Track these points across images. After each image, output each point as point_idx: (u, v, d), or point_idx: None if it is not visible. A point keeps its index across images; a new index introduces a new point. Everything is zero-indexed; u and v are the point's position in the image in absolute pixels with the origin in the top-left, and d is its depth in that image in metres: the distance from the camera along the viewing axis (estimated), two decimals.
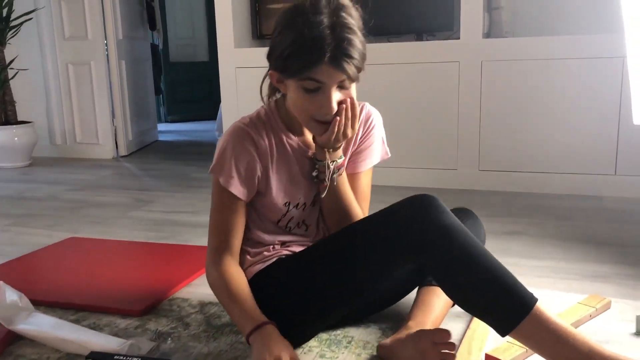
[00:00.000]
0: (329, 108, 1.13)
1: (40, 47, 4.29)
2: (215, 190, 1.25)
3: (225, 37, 3.29)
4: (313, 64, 1.08)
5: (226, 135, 1.23)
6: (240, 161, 1.21)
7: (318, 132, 1.18)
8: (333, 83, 1.11)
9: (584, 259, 1.89)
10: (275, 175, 1.25)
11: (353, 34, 1.10)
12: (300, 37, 1.09)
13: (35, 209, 2.79)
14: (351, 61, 1.09)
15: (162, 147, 4.87)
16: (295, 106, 1.17)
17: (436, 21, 3.05)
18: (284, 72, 1.14)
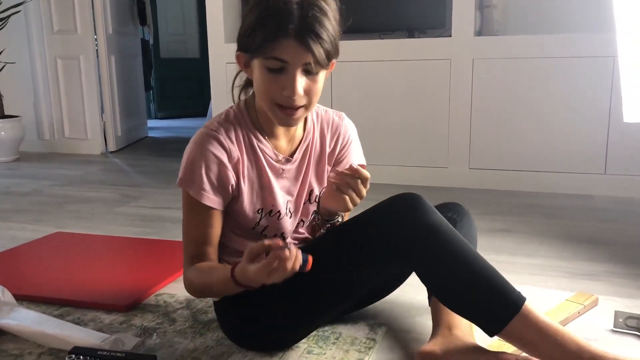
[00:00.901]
0: (292, 90, 1.05)
1: (28, 40, 4.24)
2: (187, 202, 1.16)
3: (215, 32, 3.27)
4: (276, 37, 1.01)
5: (193, 143, 1.14)
6: (211, 170, 1.13)
7: (283, 120, 1.11)
8: (298, 63, 1.03)
9: (574, 257, 1.89)
10: (247, 182, 1.18)
11: (323, 16, 1.03)
12: (265, 10, 1.03)
13: (20, 204, 2.75)
14: (318, 40, 1.02)
15: (151, 144, 4.83)
16: (259, 89, 1.10)
17: (428, 18, 3.04)
18: (248, 51, 1.07)
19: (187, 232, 1.18)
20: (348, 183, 1.08)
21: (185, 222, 1.18)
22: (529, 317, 1.01)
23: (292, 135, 1.23)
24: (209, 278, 1.13)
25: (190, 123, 6.33)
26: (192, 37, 6.90)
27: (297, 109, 1.09)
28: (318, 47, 1.02)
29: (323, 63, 1.05)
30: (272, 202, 1.21)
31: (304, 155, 1.24)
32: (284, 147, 1.22)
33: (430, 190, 2.78)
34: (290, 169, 1.23)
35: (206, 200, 1.14)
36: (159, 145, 4.79)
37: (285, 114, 1.09)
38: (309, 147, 1.25)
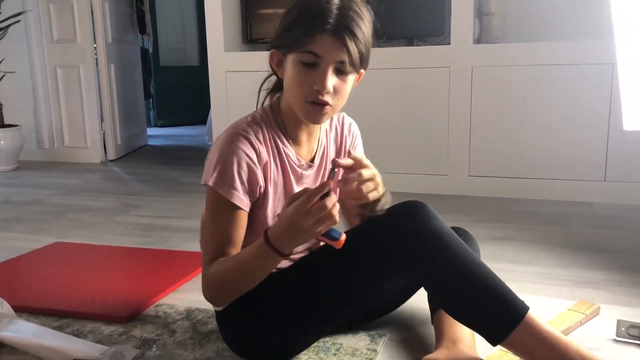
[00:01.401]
0: (322, 85, 1.06)
1: (28, 49, 4.24)
2: (213, 201, 1.14)
3: (215, 41, 3.27)
4: (314, 31, 1.04)
5: (224, 142, 1.13)
6: (242, 169, 1.12)
7: (311, 116, 1.12)
8: (331, 59, 1.06)
9: (574, 265, 1.89)
10: (272, 185, 1.18)
11: (360, 19, 1.07)
12: (306, 7, 1.07)
13: (20, 214, 2.74)
14: (354, 39, 1.05)
15: (151, 152, 4.83)
16: (290, 85, 1.11)
17: (427, 26, 3.05)
18: (284, 46, 1.10)
19: (210, 233, 1.16)
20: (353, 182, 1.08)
21: (210, 222, 1.16)
22: (532, 326, 1.01)
23: (312, 140, 1.24)
24: (234, 261, 1.10)
25: (190, 131, 6.34)
26: (192, 45, 6.92)
27: (325, 105, 1.10)
28: (353, 46, 1.06)
29: (356, 63, 1.08)
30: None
31: (321, 160, 1.26)
32: (304, 153, 1.23)
33: (430, 198, 2.77)
34: (310, 174, 1.24)
35: (236, 199, 1.12)
36: (159, 153, 4.79)
37: (315, 110, 1.10)
38: (325, 151, 1.27)
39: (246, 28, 3.41)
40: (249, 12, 3.37)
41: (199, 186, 3.36)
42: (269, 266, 1.08)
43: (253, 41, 3.43)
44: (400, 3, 3.05)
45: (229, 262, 1.11)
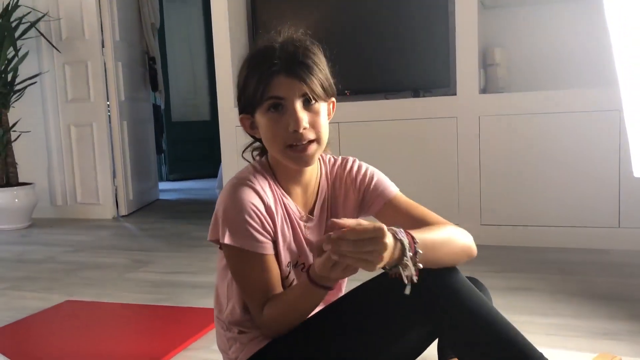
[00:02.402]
0: (296, 122, 1.04)
1: (43, 109, 4.35)
2: (235, 257, 1.11)
3: (225, 97, 3.34)
4: (267, 77, 1.05)
5: (229, 195, 1.11)
6: (254, 219, 1.09)
7: (298, 160, 1.09)
8: (293, 96, 1.05)
9: (593, 315, 1.84)
10: (280, 234, 1.16)
11: (307, 50, 1.07)
12: (251, 59, 1.09)
13: (32, 272, 2.75)
14: (307, 69, 1.05)
15: (162, 206, 4.86)
16: (267, 140, 1.10)
17: (432, 78, 3.10)
18: (248, 106, 1.10)
19: (248, 285, 1.12)
20: (340, 251, 0.90)
21: (242, 277, 1.12)
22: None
23: (309, 193, 1.22)
24: (285, 304, 1.08)
25: (201, 184, 6.39)
26: (203, 100, 7.06)
27: (308, 144, 1.08)
28: (309, 75, 1.05)
29: (319, 92, 1.07)
30: (303, 256, 1.20)
31: (321, 211, 1.23)
32: (301, 205, 1.21)
33: None
34: (311, 225, 1.22)
35: (259, 248, 1.09)
36: (170, 207, 4.81)
37: (299, 153, 1.08)
38: (325, 200, 1.24)
39: None
40: None
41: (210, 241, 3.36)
42: (321, 293, 1.05)
43: None
44: (406, 55, 3.11)
45: (280, 306, 1.09)
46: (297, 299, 1.08)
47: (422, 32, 3.10)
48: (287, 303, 1.09)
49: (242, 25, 3.45)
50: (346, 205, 1.25)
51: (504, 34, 3.14)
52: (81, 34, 4.19)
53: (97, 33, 4.16)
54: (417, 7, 3.09)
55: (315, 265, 0.99)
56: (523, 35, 3.13)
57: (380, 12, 3.15)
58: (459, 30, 2.89)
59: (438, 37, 3.04)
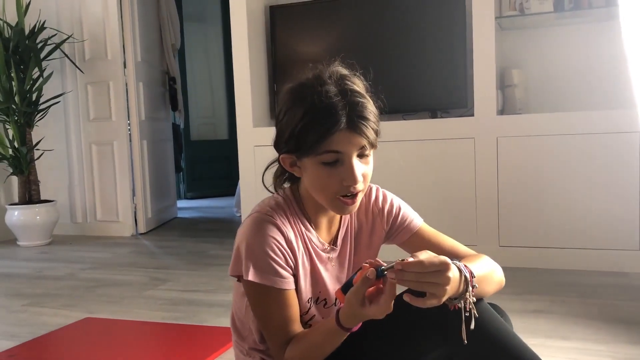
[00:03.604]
0: (353, 179, 1.04)
1: (65, 128, 4.43)
2: (257, 293, 1.09)
3: (244, 117, 3.38)
4: (330, 133, 1.02)
5: (251, 230, 1.09)
6: (277, 254, 1.08)
7: (343, 209, 1.09)
8: (353, 151, 1.04)
9: (613, 339, 1.81)
10: (301, 269, 1.14)
11: (363, 98, 1.06)
12: (311, 108, 1.04)
13: (52, 288, 2.78)
14: (368, 124, 1.04)
15: (180, 224, 4.90)
16: (315, 186, 1.09)
17: (450, 99, 3.11)
18: (298, 151, 1.07)
19: (268, 322, 1.11)
20: (408, 280, 0.92)
21: (261, 313, 1.11)
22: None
23: (334, 222, 1.21)
24: (311, 340, 1.07)
25: (219, 202, 6.43)
26: (221, 120, 7.14)
27: (357, 195, 1.08)
28: (369, 130, 1.04)
29: (374, 142, 1.07)
30: (324, 291, 1.19)
31: (344, 241, 1.22)
32: (325, 235, 1.20)
33: None
34: (334, 256, 1.21)
35: (284, 284, 1.09)
36: (188, 225, 4.85)
37: (347, 204, 1.08)
38: (348, 230, 1.23)
39: (274, 104, 3.53)
40: (276, 88, 3.50)
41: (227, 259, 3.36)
42: (342, 339, 1.05)
43: None
44: (423, 76, 3.13)
45: (303, 348, 1.08)
46: (322, 341, 1.06)
47: (440, 53, 3.12)
48: (310, 345, 1.08)
49: (261, 46, 3.50)
50: (373, 235, 1.25)
51: (521, 56, 3.15)
52: (104, 54, 4.28)
53: (119, 54, 4.24)
54: (435, 28, 3.12)
55: (352, 301, 0.97)
56: (541, 57, 3.13)
57: (398, 33, 3.19)
58: (477, 52, 2.90)
59: (456, 58, 3.06)
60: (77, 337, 2.01)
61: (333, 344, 1.06)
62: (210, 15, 6.92)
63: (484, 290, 1.08)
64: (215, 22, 6.90)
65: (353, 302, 0.96)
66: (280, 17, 3.45)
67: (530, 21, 3.02)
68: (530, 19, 2.99)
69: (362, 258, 1.23)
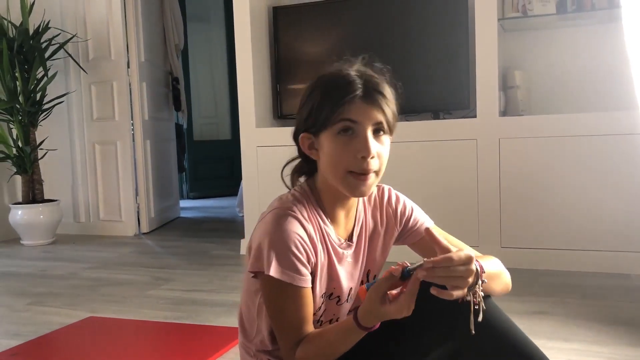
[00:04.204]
0: (366, 150, 1.04)
1: (69, 128, 4.45)
2: (275, 289, 1.08)
3: (247, 117, 3.39)
4: (345, 101, 1.04)
5: (273, 225, 1.08)
6: (300, 251, 1.07)
7: (356, 189, 1.08)
8: (368, 123, 1.05)
9: (615, 341, 1.82)
10: (319, 265, 1.13)
11: (384, 82, 1.09)
12: (328, 84, 1.08)
13: (55, 287, 2.80)
14: (385, 100, 1.06)
15: (183, 224, 4.91)
16: (330, 162, 1.08)
17: (452, 100, 3.11)
18: (315, 126, 1.09)
19: (283, 320, 1.10)
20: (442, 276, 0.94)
21: (278, 310, 1.10)
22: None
23: (350, 218, 1.21)
24: (326, 340, 1.07)
25: (221, 202, 6.44)
26: (224, 120, 7.15)
27: (369, 174, 1.08)
28: (386, 105, 1.06)
29: (392, 122, 1.08)
30: (337, 287, 1.19)
31: (359, 238, 1.22)
32: (341, 231, 1.20)
33: None
34: (350, 253, 1.20)
35: (303, 282, 1.08)
36: (191, 225, 4.86)
37: (359, 181, 1.07)
38: (363, 227, 1.23)
39: (277, 104, 3.54)
40: (279, 89, 3.51)
41: (230, 259, 3.40)
42: (358, 339, 1.05)
43: (284, 117, 3.54)
44: (426, 77, 3.13)
45: (316, 348, 1.07)
46: (337, 340, 1.06)
47: (442, 54, 3.12)
48: (324, 344, 1.07)
49: (264, 47, 3.51)
50: (386, 235, 1.25)
51: (524, 57, 3.16)
52: (107, 54, 4.30)
53: (123, 54, 4.26)
54: (438, 29, 3.12)
55: (372, 297, 0.98)
56: (543, 58, 3.13)
57: (401, 34, 3.19)
58: (479, 53, 2.90)
59: (459, 59, 3.07)
60: (79, 336, 2.02)
61: (348, 344, 1.06)
62: (214, 16, 6.94)
63: (491, 287, 1.09)
64: (219, 23, 6.92)
65: (373, 297, 0.97)
66: (283, 17, 3.46)
67: (532, 23, 3.03)
68: (532, 21, 2.99)
69: (375, 256, 1.24)
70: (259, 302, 1.17)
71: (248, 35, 3.35)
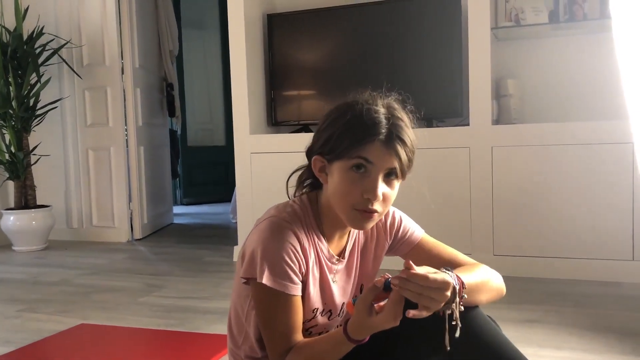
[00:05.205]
0: (374, 193, 1.05)
1: (62, 133, 4.44)
2: (267, 297, 1.09)
3: (241, 124, 3.39)
4: (366, 141, 1.05)
5: (268, 234, 1.10)
6: (292, 261, 1.09)
7: (358, 223, 1.10)
8: (382, 166, 1.06)
9: (606, 350, 1.83)
10: (310, 279, 1.14)
11: (407, 128, 1.09)
12: (356, 117, 1.08)
13: (47, 294, 2.78)
14: (404, 148, 1.07)
15: (176, 230, 4.90)
16: (336, 193, 1.09)
17: (445, 108, 3.13)
18: (331, 153, 1.09)
19: (272, 328, 1.11)
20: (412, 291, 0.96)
21: (268, 317, 1.11)
22: None
23: (344, 235, 1.22)
24: (315, 350, 1.08)
25: (215, 209, 6.43)
26: (218, 126, 7.15)
27: (373, 213, 1.09)
28: (403, 153, 1.07)
29: (405, 170, 1.09)
30: (330, 302, 1.19)
31: (351, 253, 1.23)
32: (334, 248, 1.21)
33: None
34: (342, 269, 1.22)
35: (294, 290, 1.09)
36: (184, 231, 4.85)
37: (363, 217, 1.09)
38: (356, 244, 1.24)
39: (271, 111, 3.54)
40: (273, 95, 3.51)
41: (223, 266, 3.39)
42: (347, 351, 1.07)
43: (277, 124, 3.54)
44: (419, 85, 3.15)
45: (306, 354, 1.08)
46: (327, 352, 1.07)
47: (436, 62, 3.14)
48: (313, 354, 1.08)
49: (258, 53, 3.52)
50: (377, 248, 1.26)
51: (517, 66, 3.18)
52: (102, 60, 4.29)
53: (117, 60, 4.26)
54: (431, 38, 3.14)
55: (360, 309, 0.99)
56: (536, 67, 3.16)
57: (395, 42, 3.21)
58: (473, 62, 2.92)
59: (452, 68, 3.08)
60: (71, 343, 2.01)
61: (337, 355, 1.07)
62: (209, 22, 6.95)
63: (476, 299, 1.10)
64: (214, 29, 6.93)
65: (361, 310, 0.99)
66: (277, 25, 3.47)
67: (525, 32, 3.05)
68: (525, 30, 3.02)
69: (367, 270, 1.26)
70: (248, 308, 1.17)
71: (243, 42, 3.36)
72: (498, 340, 1.08)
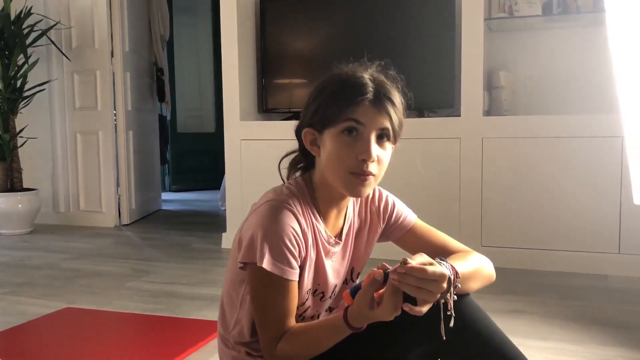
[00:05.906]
0: (368, 153, 1.05)
1: (50, 116, 4.39)
2: (264, 281, 1.07)
3: (231, 110, 3.37)
4: (354, 102, 1.05)
5: (268, 217, 1.08)
6: (293, 245, 1.08)
7: (355, 189, 1.08)
8: (374, 126, 1.06)
9: (590, 340, 1.84)
10: (308, 260, 1.13)
11: (395, 90, 1.10)
12: (342, 82, 1.09)
13: (32, 278, 2.76)
14: (393, 107, 1.07)
15: (164, 216, 4.87)
16: (331, 160, 1.09)
17: (437, 98, 3.12)
18: (320, 122, 1.09)
19: (267, 312, 1.09)
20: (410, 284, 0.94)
21: (263, 301, 1.09)
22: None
23: (340, 217, 1.21)
24: (311, 336, 1.07)
25: (204, 196, 6.40)
26: (209, 112, 7.10)
27: (368, 176, 1.08)
28: (393, 113, 1.07)
29: (397, 130, 1.09)
30: (323, 284, 1.19)
31: (347, 236, 1.23)
32: (331, 229, 1.20)
33: None
34: (337, 251, 1.21)
35: (291, 275, 1.08)
36: (172, 218, 4.83)
37: (359, 181, 1.07)
38: (351, 226, 1.24)
39: (262, 98, 3.52)
40: (265, 83, 3.49)
41: (211, 252, 3.38)
42: (343, 337, 1.06)
43: (268, 111, 3.52)
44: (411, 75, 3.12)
45: (300, 343, 1.08)
46: (323, 338, 1.07)
47: (428, 52, 3.13)
48: (309, 340, 1.08)
49: (250, 40, 3.49)
50: (370, 233, 1.26)
51: (509, 58, 3.18)
52: (91, 43, 4.24)
53: (107, 43, 4.21)
54: (425, 28, 3.13)
55: (361, 302, 0.98)
56: (528, 60, 3.16)
57: (387, 31, 3.19)
58: (465, 53, 2.92)
59: (444, 58, 3.08)
60: (55, 327, 2.00)
61: (332, 341, 1.07)
62: (200, 8, 6.88)
63: (469, 287, 1.11)
64: (205, 15, 6.86)
65: (362, 303, 0.98)
66: (270, 11, 3.43)
67: (518, 24, 3.05)
68: (519, 22, 3.01)
69: (360, 253, 1.25)
70: (243, 293, 1.16)
71: (234, 28, 3.33)
72: (490, 329, 1.08)
